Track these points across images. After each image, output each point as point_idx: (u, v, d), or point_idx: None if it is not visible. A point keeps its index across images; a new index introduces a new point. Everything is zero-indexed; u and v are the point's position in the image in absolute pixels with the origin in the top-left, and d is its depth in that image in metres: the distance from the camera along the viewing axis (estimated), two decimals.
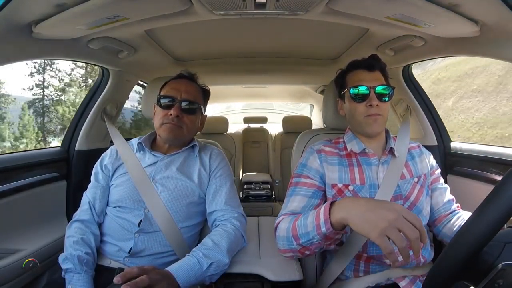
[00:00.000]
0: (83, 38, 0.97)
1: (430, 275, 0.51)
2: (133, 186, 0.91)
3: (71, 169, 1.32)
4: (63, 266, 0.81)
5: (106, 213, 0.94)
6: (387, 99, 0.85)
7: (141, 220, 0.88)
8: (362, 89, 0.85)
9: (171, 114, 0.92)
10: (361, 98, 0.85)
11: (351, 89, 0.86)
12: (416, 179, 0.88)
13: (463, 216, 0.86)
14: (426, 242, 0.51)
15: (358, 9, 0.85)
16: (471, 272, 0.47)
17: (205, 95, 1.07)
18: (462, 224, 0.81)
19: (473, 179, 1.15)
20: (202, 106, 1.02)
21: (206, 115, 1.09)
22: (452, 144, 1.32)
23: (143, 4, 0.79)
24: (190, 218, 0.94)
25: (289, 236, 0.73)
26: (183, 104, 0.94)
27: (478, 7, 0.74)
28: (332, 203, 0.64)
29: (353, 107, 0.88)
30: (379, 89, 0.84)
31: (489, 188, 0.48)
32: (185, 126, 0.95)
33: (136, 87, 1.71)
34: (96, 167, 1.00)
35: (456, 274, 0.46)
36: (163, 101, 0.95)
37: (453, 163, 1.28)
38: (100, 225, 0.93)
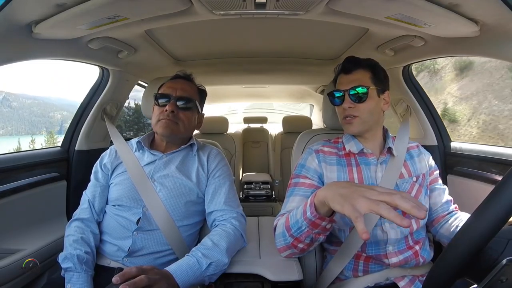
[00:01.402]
0: (83, 38, 0.97)
1: (430, 274, 0.51)
2: (132, 184, 0.92)
3: (71, 169, 1.32)
4: (63, 265, 0.81)
5: (105, 212, 0.95)
6: (360, 100, 0.84)
7: (139, 218, 0.88)
8: (337, 94, 0.89)
9: (166, 110, 0.94)
10: (337, 101, 0.89)
11: (330, 94, 0.91)
12: (414, 179, 0.88)
13: (461, 217, 0.86)
14: (424, 210, 0.48)
15: (358, 9, 0.85)
16: (473, 269, 0.47)
17: (202, 94, 1.09)
18: (459, 225, 0.81)
19: (473, 179, 1.15)
20: (198, 104, 1.03)
21: (203, 114, 1.10)
22: (452, 144, 1.32)
23: (143, 4, 0.79)
24: (188, 217, 0.94)
25: (283, 231, 0.75)
26: (178, 100, 0.97)
27: (478, 7, 0.74)
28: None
29: (337, 110, 0.92)
30: (353, 90, 0.85)
31: (489, 188, 0.48)
32: (181, 122, 0.97)
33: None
34: (96, 166, 1.01)
35: (457, 273, 0.46)
36: (159, 99, 0.98)
37: (453, 163, 1.28)
38: (99, 224, 0.94)
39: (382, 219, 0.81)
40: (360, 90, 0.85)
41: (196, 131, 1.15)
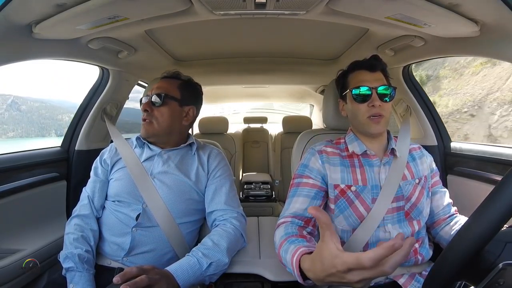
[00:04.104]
0: (83, 38, 0.97)
1: (430, 274, 0.51)
2: (131, 180, 0.92)
3: (71, 169, 1.32)
4: (64, 265, 0.82)
5: (104, 207, 0.95)
6: (388, 99, 0.85)
7: (139, 214, 0.88)
8: (364, 90, 0.84)
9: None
10: (363, 98, 0.85)
11: (353, 90, 0.86)
12: (417, 181, 0.88)
13: (461, 221, 0.87)
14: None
15: (358, 9, 0.84)
16: (471, 271, 0.47)
17: (186, 87, 1.03)
18: (459, 229, 0.81)
19: (473, 179, 1.15)
20: (176, 97, 0.99)
21: (194, 107, 1.04)
22: (452, 144, 1.32)
23: (143, 4, 0.79)
24: (188, 214, 0.94)
25: (279, 258, 0.74)
26: (153, 98, 0.97)
27: (478, 7, 0.74)
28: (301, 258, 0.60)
29: (355, 108, 0.87)
30: (381, 89, 0.84)
31: (489, 188, 0.48)
32: (155, 119, 0.97)
33: None
34: (96, 162, 1.02)
35: (457, 274, 0.46)
36: (141, 103, 1.00)
37: (453, 163, 1.28)
38: (98, 220, 0.94)
39: (385, 220, 0.81)
40: (388, 89, 0.85)
41: (196, 131, 1.15)
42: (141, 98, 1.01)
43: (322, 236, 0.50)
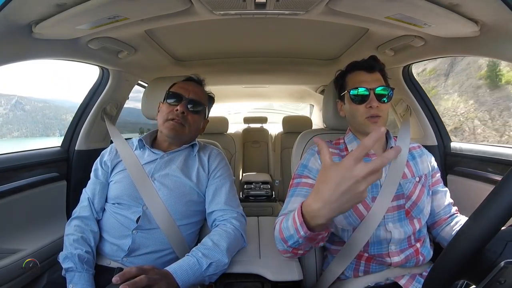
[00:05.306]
0: (83, 38, 0.97)
1: (431, 273, 0.51)
2: (132, 183, 0.92)
3: (71, 169, 1.32)
4: (64, 266, 0.82)
5: (104, 210, 0.95)
6: (386, 100, 0.85)
7: (139, 217, 0.88)
8: (362, 91, 0.85)
9: (177, 110, 0.95)
10: (361, 99, 0.85)
11: (351, 91, 0.87)
12: (417, 179, 0.88)
13: (461, 221, 0.87)
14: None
15: (358, 9, 0.84)
16: (472, 270, 0.47)
17: (210, 100, 1.10)
18: (459, 228, 0.81)
19: (473, 179, 1.15)
20: (206, 109, 1.05)
21: (208, 120, 1.11)
22: (452, 144, 1.32)
23: (143, 4, 0.79)
24: (188, 216, 0.94)
25: (280, 241, 0.72)
26: (190, 102, 0.97)
27: (478, 7, 0.74)
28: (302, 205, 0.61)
29: (353, 109, 0.88)
30: (379, 90, 0.84)
31: (489, 188, 0.48)
32: (188, 124, 0.97)
33: None
34: (96, 163, 1.01)
35: (458, 273, 0.46)
36: (171, 98, 0.99)
37: (453, 163, 1.28)
38: (98, 222, 0.94)
39: (385, 219, 0.81)
40: (386, 90, 0.85)
41: None
42: (168, 92, 1.00)
43: (324, 162, 0.52)
